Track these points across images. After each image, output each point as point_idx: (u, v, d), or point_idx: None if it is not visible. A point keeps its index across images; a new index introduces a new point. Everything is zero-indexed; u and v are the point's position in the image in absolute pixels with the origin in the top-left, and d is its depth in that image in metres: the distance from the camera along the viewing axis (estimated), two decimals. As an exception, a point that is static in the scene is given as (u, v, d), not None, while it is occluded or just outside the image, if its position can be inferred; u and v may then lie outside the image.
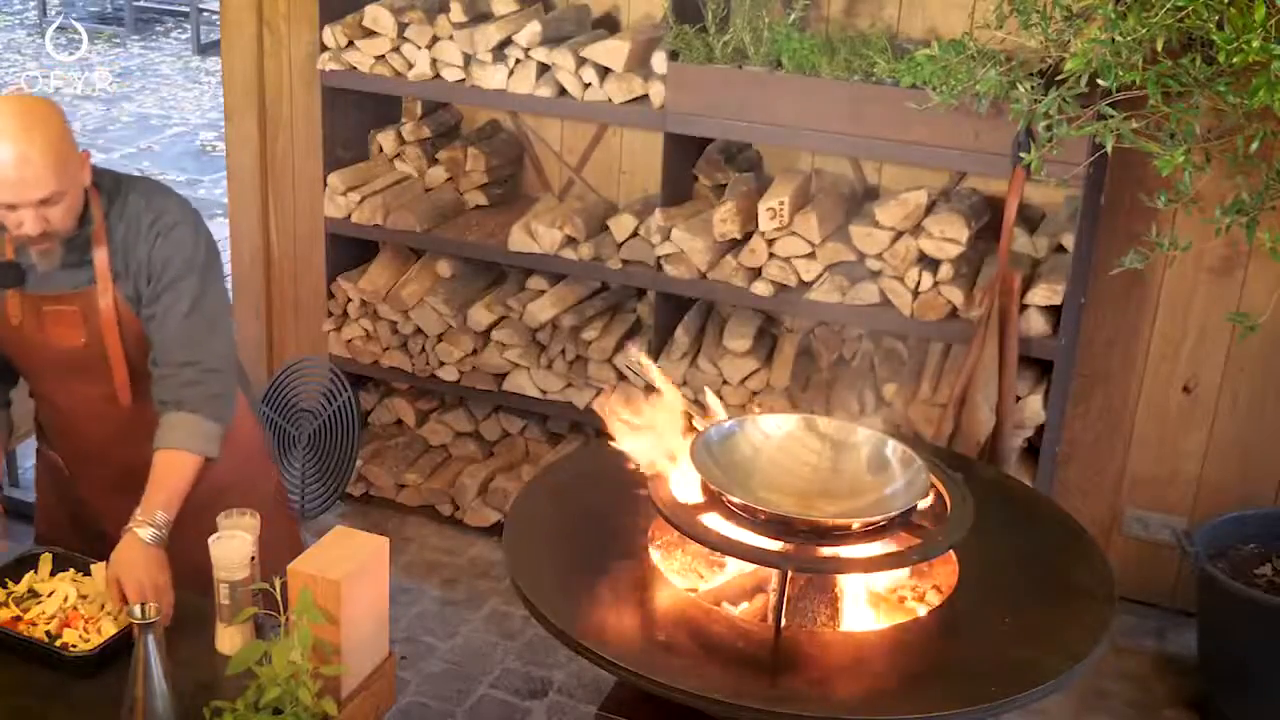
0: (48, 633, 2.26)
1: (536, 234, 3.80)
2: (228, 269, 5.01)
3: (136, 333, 2.49)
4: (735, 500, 2.39)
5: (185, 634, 2.22)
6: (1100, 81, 2.68)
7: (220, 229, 6.53)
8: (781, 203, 3.45)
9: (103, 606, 2.32)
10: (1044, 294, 3.34)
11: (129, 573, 2.26)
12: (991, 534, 2.50)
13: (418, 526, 4.13)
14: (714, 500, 2.43)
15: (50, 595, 2.34)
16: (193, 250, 2.48)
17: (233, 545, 2.20)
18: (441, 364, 4.00)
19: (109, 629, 2.27)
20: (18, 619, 2.29)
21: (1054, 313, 3.37)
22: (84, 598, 2.34)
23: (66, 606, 2.32)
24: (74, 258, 2.43)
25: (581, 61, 3.61)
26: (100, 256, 2.43)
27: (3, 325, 2.51)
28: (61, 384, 2.57)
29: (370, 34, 3.85)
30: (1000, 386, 3.28)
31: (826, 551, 2.34)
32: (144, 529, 2.31)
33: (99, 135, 8.44)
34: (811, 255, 3.48)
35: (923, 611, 2.37)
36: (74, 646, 2.23)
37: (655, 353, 3.77)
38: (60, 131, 2.32)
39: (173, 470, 2.39)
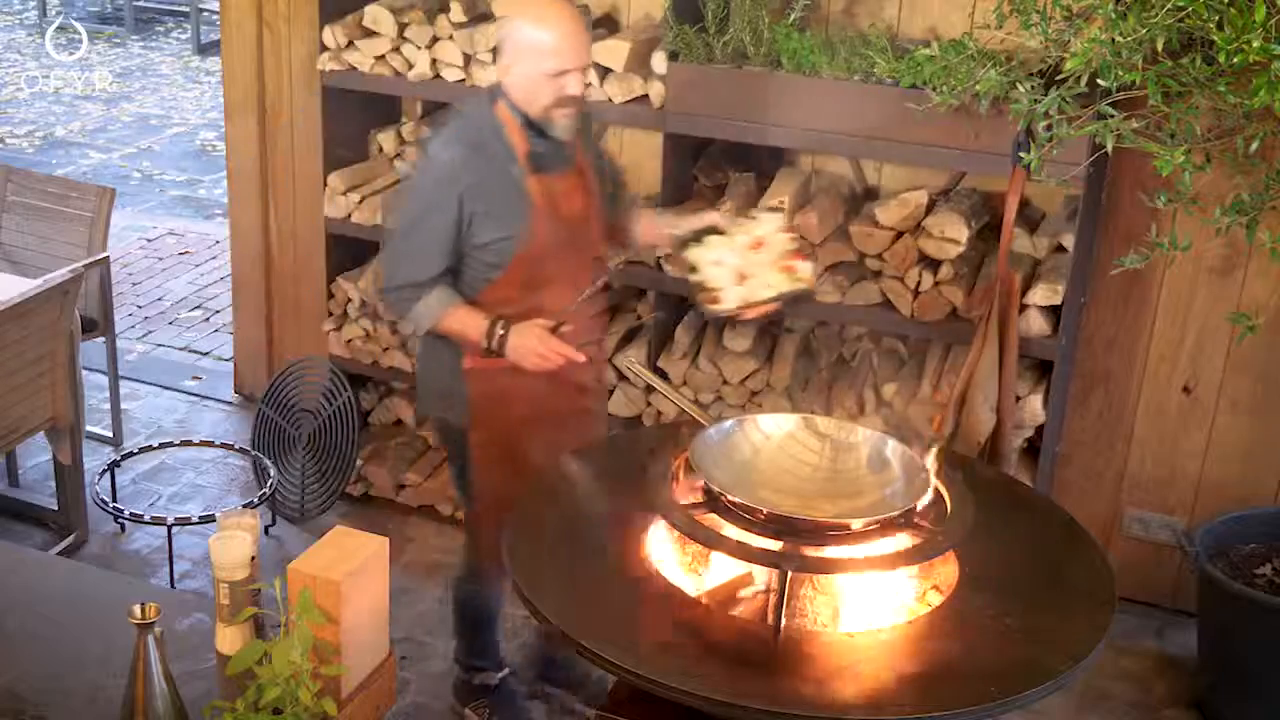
0: None
1: (536, 234, 3.80)
2: (228, 269, 5.02)
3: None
4: (735, 500, 2.39)
5: (185, 634, 2.23)
6: (1100, 81, 2.68)
7: (220, 229, 6.55)
8: (781, 203, 3.45)
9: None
10: (1044, 294, 3.34)
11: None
12: (991, 534, 2.50)
13: (418, 526, 4.13)
14: (714, 500, 2.43)
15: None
16: None
17: (233, 545, 2.19)
18: (441, 364, 4.00)
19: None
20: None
21: (1054, 313, 3.37)
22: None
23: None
24: (556, 143, 2.87)
25: (581, 61, 3.61)
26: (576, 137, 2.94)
27: (533, 218, 2.84)
28: (566, 256, 2.91)
29: (370, 34, 3.85)
30: (1000, 386, 3.28)
31: (826, 551, 2.34)
32: None
33: (99, 135, 8.33)
34: (811, 255, 3.48)
35: (923, 611, 2.37)
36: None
37: (655, 353, 3.77)
38: None
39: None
